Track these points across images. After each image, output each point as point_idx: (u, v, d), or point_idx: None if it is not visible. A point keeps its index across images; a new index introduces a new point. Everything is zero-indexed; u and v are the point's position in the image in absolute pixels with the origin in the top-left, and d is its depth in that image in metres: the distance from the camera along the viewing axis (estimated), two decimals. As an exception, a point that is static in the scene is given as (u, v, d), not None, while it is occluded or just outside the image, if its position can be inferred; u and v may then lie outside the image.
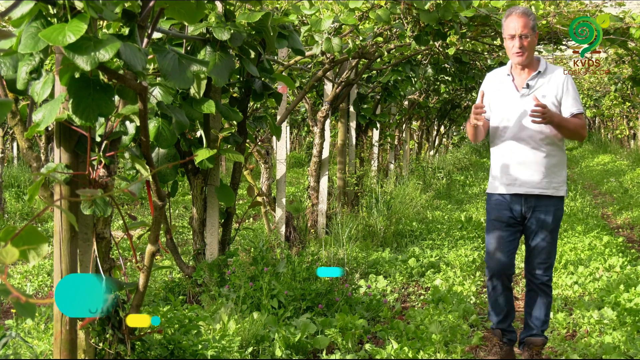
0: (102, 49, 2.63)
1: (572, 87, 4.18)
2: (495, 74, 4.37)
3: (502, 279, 4.26)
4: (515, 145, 4.17)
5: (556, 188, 4.18)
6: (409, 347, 4.18)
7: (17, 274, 6.31)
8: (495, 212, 4.26)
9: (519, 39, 4.10)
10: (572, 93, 4.17)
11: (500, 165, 4.24)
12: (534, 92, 4.13)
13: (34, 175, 2.95)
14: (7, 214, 9.57)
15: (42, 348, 3.64)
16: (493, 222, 4.28)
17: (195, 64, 3.34)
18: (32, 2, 2.78)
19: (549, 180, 4.15)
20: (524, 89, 4.17)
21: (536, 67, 4.20)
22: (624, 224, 9.82)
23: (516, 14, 4.12)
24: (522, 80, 4.21)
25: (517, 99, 4.18)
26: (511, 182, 4.19)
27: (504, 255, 4.23)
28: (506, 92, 4.22)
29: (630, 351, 4.23)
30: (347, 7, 5.83)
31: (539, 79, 4.18)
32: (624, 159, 21.11)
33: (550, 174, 4.16)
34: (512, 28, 4.11)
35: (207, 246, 5.02)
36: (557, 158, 4.20)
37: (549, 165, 4.15)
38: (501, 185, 4.23)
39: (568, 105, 4.14)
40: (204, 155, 4.52)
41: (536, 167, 4.13)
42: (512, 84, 4.22)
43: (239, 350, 3.98)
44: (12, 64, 3.04)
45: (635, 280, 5.92)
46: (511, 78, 4.23)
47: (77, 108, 2.79)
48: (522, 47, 4.10)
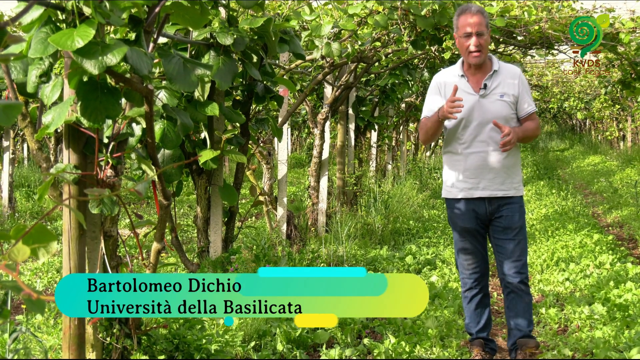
0: (109, 54, 2.63)
1: (526, 84, 3.97)
2: (446, 75, 4.03)
3: (478, 288, 4.07)
4: (476, 147, 3.91)
5: (517, 188, 3.97)
6: (406, 341, 4.18)
7: (27, 270, 6.30)
8: (460, 223, 4.01)
9: (476, 37, 3.81)
10: (527, 90, 3.97)
11: (459, 169, 3.96)
12: (492, 93, 3.89)
13: (43, 175, 2.95)
14: (18, 213, 9.57)
15: (51, 342, 3.64)
16: (460, 233, 4.05)
17: (199, 67, 3.34)
18: (42, 8, 2.78)
19: (510, 181, 3.94)
20: (482, 89, 3.90)
21: (491, 67, 3.94)
22: (613, 223, 9.81)
23: (471, 12, 3.83)
24: (477, 80, 3.93)
25: (476, 100, 3.90)
26: (473, 185, 3.94)
27: (477, 266, 4.04)
28: (463, 93, 3.88)
29: (619, 345, 4.23)
30: (346, 13, 5.83)
31: (495, 78, 3.92)
32: (614, 159, 21.10)
33: (511, 175, 3.94)
34: (467, 26, 3.82)
35: (211, 244, 5.02)
36: (515, 158, 3.99)
37: (508, 165, 3.93)
38: (462, 191, 3.97)
39: (525, 104, 3.93)
40: (207, 156, 4.51)
41: (497, 169, 3.91)
42: (468, 84, 3.93)
43: (242, 344, 3.98)
44: (22, 68, 3.04)
45: (624, 277, 5.92)
46: (466, 79, 3.94)
47: (85, 110, 2.79)
48: (479, 46, 3.82)
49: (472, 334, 4.14)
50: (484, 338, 4.11)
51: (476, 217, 3.97)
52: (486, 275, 4.11)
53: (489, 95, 3.90)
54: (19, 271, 1.62)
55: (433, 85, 4.04)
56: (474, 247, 4.03)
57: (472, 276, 4.06)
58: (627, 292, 5.28)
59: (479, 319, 4.09)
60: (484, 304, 4.11)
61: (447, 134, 4.01)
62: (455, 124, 3.92)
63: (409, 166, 14.36)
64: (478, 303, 4.09)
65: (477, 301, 4.09)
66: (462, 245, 4.06)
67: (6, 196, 9.38)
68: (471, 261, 4.04)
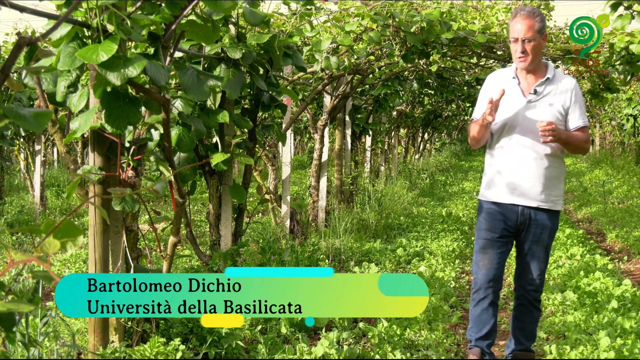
0: (130, 66, 2.63)
1: (580, 98, 3.43)
2: (499, 75, 3.53)
3: (489, 293, 3.53)
4: (518, 153, 3.41)
5: (554, 202, 3.45)
6: (397, 325, 4.18)
7: (57, 261, 6.30)
8: (488, 222, 3.50)
9: (522, 43, 3.32)
10: (580, 104, 3.42)
11: (499, 171, 3.46)
12: (541, 100, 3.40)
13: (71, 176, 2.95)
14: (49, 210, 9.56)
15: (78, 326, 3.64)
16: (485, 232, 3.52)
17: (211, 79, 3.34)
18: (70, 25, 2.78)
19: (548, 193, 3.41)
20: (532, 94, 3.40)
21: (544, 73, 3.42)
22: (583, 218, 9.81)
23: (521, 16, 3.33)
24: (528, 85, 3.43)
25: (524, 105, 3.40)
26: (510, 190, 3.43)
27: (493, 268, 3.50)
28: (511, 95, 3.42)
29: (589, 329, 4.22)
30: (344, 29, 5.83)
31: (547, 86, 3.41)
32: (584, 162, 21.11)
33: (550, 186, 3.41)
34: (515, 31, 3.34)
35: (221, 237, 5.02)
36: (558, 170, 3.45)
37: (549, 176, 3.41)
38: (498, 193, 3.47)
39: (575, 117, 3.40)
40: (219, 158, 4.51)
41: (537, 178, 3.39)
42: (518, 87, 3.43)
43: (250, 328, 3.98)
44: (52, 79, 3.04)
45: (593, 267, 5.91)
46: (517, 81, 3.44)
47: (108, 118, 2.79)
48: (525, 52, 3.33)
49: (471, 341, 3.65)
50: (482, 348, 3.60)
51: (505, 224, 3.47)
52: (499, 282, 3.55)
53: (538, 102, 3.40)
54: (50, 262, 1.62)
55: (484, 86, 3.56)
56: (494, 250, 3.50)
57: (484, 279, 3.52)
58: (596, 281, 5.28)
59: (481, 326, 3.57)
60: (490, 312, 3.57)
61: (493, 136, 3.52)
62: (499, 127, 3.44)
63: (400, 168, 14.35)
64: (484, 309, 3.55)
65: (484, 307, 3.55)
66: (482, 245, 3.53)
67: (38, 195, 9.38)
68: (487, 263, 3.51)
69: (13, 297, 1.87)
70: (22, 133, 9.28)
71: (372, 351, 3.80)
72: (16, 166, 13.94)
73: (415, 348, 3.95)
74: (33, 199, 9.52)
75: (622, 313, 4.47)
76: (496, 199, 3.48)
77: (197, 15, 3.24)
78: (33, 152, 9.75)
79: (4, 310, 1.51)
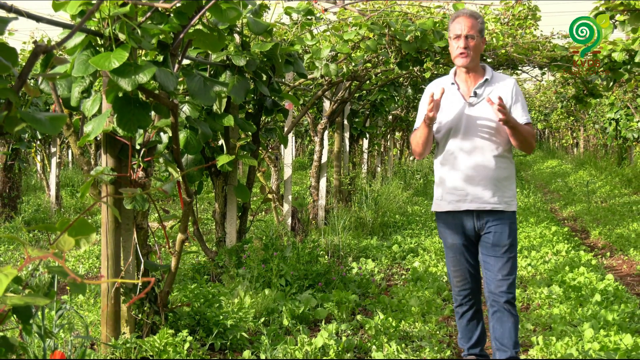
0: (141, 73, 2.62)
1: (521, 96, 3.24)
2: (438, 84, 3.30)
3: (470, 305, 3.39)
4: (463, 158, 3.19)
5: (508, 203, 3.21)
6: (393, 317, 4.17)
7: (71, 257, 6.30)
8: (450, 239, 3.31)
9: (464, 39, 3.14)
10: (522, 102, 3.22)
11: (447, 179, 3.25)
12: (482, 101, 3.19)
13: (85, 176, 2.94)
14: (63, 208, 9.56)
15: (91, 318, 3.63)
16: (450, 249, 3.34)
17: (217, 85, 3.34)
18: (83, 34, 2.77)
19: (500, 195, 3.19)
20: (472, 97, 3.20)
21: (482, 75, 3.25)
22: (568, 217, 9.80)
23: (464, 15, 3.18)
24: (468, 89, 3.24)
25: (465, 108, 3.20)
26: (461, 198, 3.21)
27: (468, 282, 3.34)
28: (452, 101, 3.23)
29: (574, 321, 4.22)
30: (342, 38, 5.82)
31: (487, 87, 3.22)
32: (569, 163, 21.11)
33: (502, 188, 3.19)
34: (458, 28, 3.16)
35: (227, 235, 5.01)
36: (508, 171, 3.22)
37: (500, 178, 3.18)
38: (450, 203, 3.25)
39: (518, 115, 3.18)
40: (224, 160, 4.51)
41: (487, 181, 3.17)
42: (458, 92, 3.24)
43: (253, 320, 3.98)
44: (67, 85, 3.03)
45: (578, 263, 5.91)
46: (456, 87, 3.25)
47: (120, 121, 2.79)
48: (467, 48, 3.14)
49: (464, 350, 3.51)
50: (476, 354, 3.46)
51: (463, 232, 3.28)
52: (477, 291, 3.40)
53: (479, 104, 3.20)
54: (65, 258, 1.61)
55: (424, 96, 3.30)
56: (462, 263, 3.33)
57: (462, 293, 3.37)
58: (580, 276, 5.28)
59: (470, 335, 3.44)
60: (476, 319, 3.43)
61: (437, 144, 3.32)
62: (444, 133, 3.23)
63: (395, 169, 14.35)
64: (469, 319, 3.42)
65: (469, 317, 3.42)
66: (451, 260, 3.36)
67: (54, 194, 9.38)
68: (460, 278, 3.35)
69: (30, 291, 1.86)
70: (38, 136, 9.28)
71: (369, 342, 3.80)
72: (33, 167, 13.95)
73: (409, 339, 3.95)
74: (49, 198, 9.52)
75: (605, 306, 4.47)
76: (450, 208, 3.26)
77: (204, 25, 3.24)
78: (49, 154, 9.74)
79: (22, 304, 1.50)
